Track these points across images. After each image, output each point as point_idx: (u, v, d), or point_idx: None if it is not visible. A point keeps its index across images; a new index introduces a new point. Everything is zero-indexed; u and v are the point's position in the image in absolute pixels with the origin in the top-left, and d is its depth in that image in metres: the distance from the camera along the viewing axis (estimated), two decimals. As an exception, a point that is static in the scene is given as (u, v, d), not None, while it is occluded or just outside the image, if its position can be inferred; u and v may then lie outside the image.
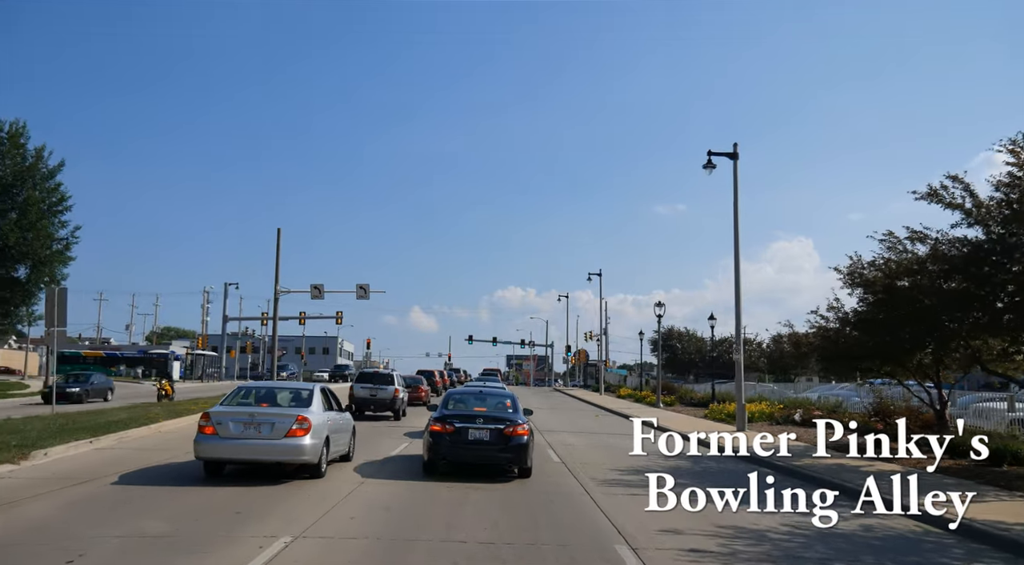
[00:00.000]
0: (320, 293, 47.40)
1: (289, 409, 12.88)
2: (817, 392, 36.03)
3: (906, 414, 18.35)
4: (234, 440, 12.15)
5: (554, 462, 16.56)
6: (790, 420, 27.41)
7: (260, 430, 12.23)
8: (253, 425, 12.25)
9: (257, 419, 12.31)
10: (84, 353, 79.21)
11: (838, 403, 27.55)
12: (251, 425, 12.24)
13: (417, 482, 13.08)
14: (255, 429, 12.23)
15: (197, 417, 23.67)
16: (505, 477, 13.70)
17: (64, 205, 42.68)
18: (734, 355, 26.82)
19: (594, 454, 18.62)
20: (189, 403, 29.68)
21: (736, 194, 27.10)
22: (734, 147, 27.34)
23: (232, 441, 12.16)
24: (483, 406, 14.55)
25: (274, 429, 12.24)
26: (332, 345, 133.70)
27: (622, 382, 75.40)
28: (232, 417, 12.37)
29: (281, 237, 42.58)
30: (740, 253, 26.77)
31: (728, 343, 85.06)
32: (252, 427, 12.23)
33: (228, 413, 12.55)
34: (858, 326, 17.39)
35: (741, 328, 26.44)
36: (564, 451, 18.60)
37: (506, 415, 13.92)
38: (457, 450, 13.32)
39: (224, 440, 12.19)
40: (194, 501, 10.76)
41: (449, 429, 13.32)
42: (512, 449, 13.30)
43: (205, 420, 12.49)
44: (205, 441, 12.30)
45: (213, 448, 12.27)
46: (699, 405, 40.78)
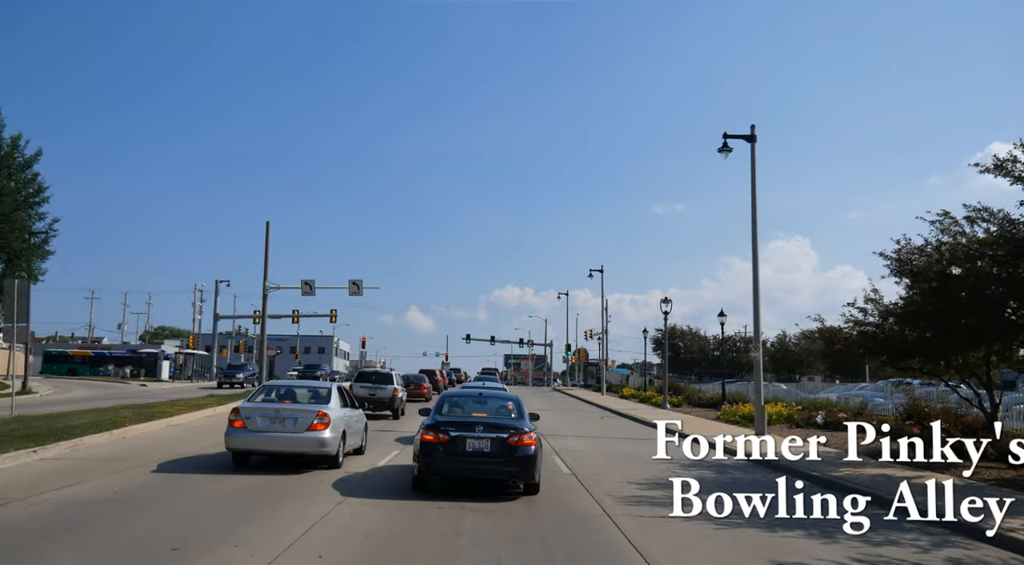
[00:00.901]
0: (311, 289, 45.34)
1: (310, 406, 14.02)
2: (835, 393, 34.11)
3: (943, 416, 16.55)
4: (261, 433, 13.48)
5: (563, 473, 14.60)
6: (811, 423, 25.48)
7: (285, 424, 13.54)
8: (278, 420, 13.57)
9: (282, 414, 13.63)
10: (72, 352, 77.32)
11: (862, 404, 25.63)
12: (277, 420, 13.57)
13: (405, 501, 11.12)
14: (280, 423, 13.55)
15: (166, 423, 22.26)
16: (508, 494, 11.78)
17: (41, 196, 40.59)
18: (752, 353, 24.86)
19: (607, 463, 16.66)
20: (166, 405, 27.69)
21: (754, 179, 25.22)
22: (751, 129, 25.44)
23: (259, 434, 13.48)
24: (483, 411, 12.66)
25: (297, 423, 13.54)
26: (328, 344, 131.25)
27: (624, 382, 73.51)
28: (259, 412, 13.64)
29: (276, 237, 40.54)
30: (758, 243, 24.93)
31: (732, 342, 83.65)
32: (277, 422, 13.56)
33: (256, 409, 13.77)
34: (904, 319, 15.43)
35: (760, 323, 24.48)
36: (573, 459, 16.65)
37: (510, 422, 11.97)
38: (452, 463, 11.39)
39: (252, 433, 13.47)
40: (126, 535, 8.70)
41: (443, 438, 11.38)
42: (517, 462, 11.35)
43: (235, 415, 13.71)
44: (235, 434, 13.55)
45: (242, 440, 13.52)
46: (708, 406, 38.83)
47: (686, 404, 41.27)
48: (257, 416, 13.58)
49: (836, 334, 17.93)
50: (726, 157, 25.42)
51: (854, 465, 16.17)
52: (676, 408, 39.02)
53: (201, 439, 18.35)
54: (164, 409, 25.09)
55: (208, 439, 18.60)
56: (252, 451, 13.80)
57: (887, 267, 15.49)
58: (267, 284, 44.37)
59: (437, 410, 12.52)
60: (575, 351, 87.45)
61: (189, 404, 28.76)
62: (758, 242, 24.85)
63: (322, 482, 12.50)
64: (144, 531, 8.75)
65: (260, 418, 13.57)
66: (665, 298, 41.14)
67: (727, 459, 17.57)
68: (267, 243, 44.32)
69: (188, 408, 26.84)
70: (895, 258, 15.37)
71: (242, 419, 13.62)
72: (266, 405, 14.05)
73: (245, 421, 13.59)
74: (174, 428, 21.12)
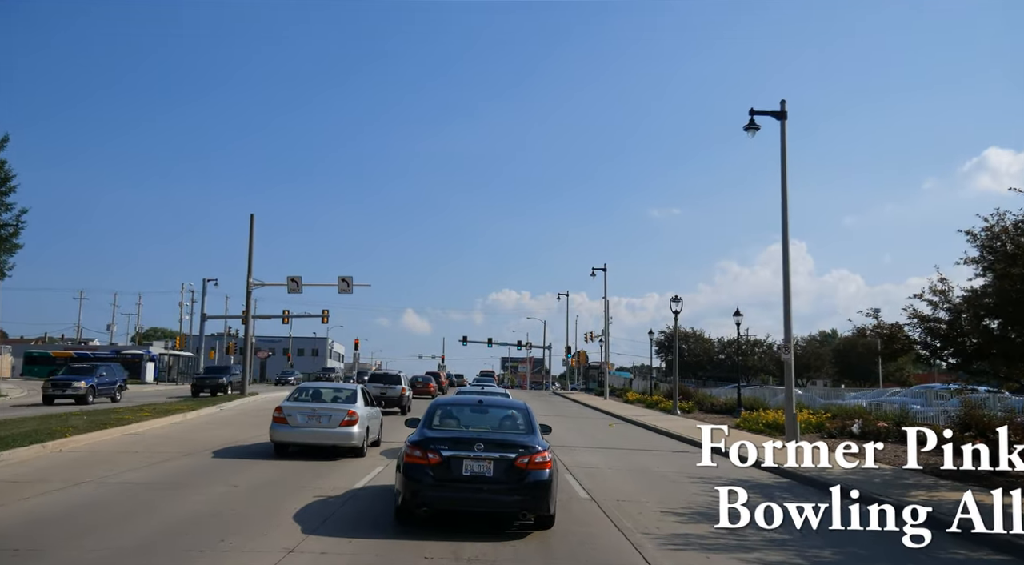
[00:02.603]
0: (298, 286, 42.66)
1: (341, 405, 15.93)
2: (864, 399, 31.46)
3: (1010, 426, 14.01)
4: (300, 428, 15.39)
5: (581, 498, 11.95)
6: (847, 432, 22.86)
7: (320, 421, 15.46)
8: (315, 417, 15.51)
9: (318, 412, 15.58)
10: (53, 354, 74.58)
11: (903, 412, 22.99)
12: (313, 417, 15.50)
13: (383, 541, 8.50)
14: (316, 420, 15.47)
15: (122, 431, 19.60)
16: (515, 530, 9.15)
17: (8, 186, 37.78)
18: (782, 354, 22.24)
19: (631, 483, 14.01)
20: (132, 410, 25.00)
21: (784, 161, 22.67)
22: (781, 105, 22.89)
23: (299, 428, 15.39)
24: (483, 423, 10.23)
25: (331, 420, 15.45)
26: (321, 346, 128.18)
27: (627, 385, 70.88)
28: (299, 411, 15.58)
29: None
30: (789, 234, 22.31)
31: (737, 345, 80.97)
32: (314, 419, 15.48)
33: (295, 407, 15.70)
34: (996, 310, 12.80)
35: (791, 322, 21.84)
36: (590, 479, 14.00)
37: (518, 437, 9.44)
38: (445, 492, 8.82)
39: (293, 428, 15.40)
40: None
41: (433, 459, 8.86)
42: (527, 490, 8.80)
43: (278, 412, 15.57)
44: (278, 428, 15.46)
45: (284, 434, 15.43)
46: (722, 412, 36.17)
47: (697, 410, 38.60)
48: (297, 414, 15.58)
49: (896, 333, 15.30)
50: (752, 136, 22.89)
51: (927, 486, 13.61)
52: (687, 414, 36.39)
53: (153, 451, 15.67)
54: (125, 416, 22.37)
55: (164, 449, 15.95)
56: (292, 443, 15.57)
57: (974, 246, 12.81)
58: (251, 281, 41.74)
59: (426, 422, 9.93)
60: (575, 353, 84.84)
61: (158, 409, 26.10)
62: (788, 232, 22.28)
63: (281, 511, 9.90)
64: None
65: (299, 415, 15.56)
66: (675, 297, 38.50)
67: (767, 476, 14.97)
68: (251, 237, 41.75)
69: (155, 414, 24.20)
70: (984, 237, 12.72)
71: (284, 416, 15.56)
72: (303, 404, 16.01)
73: (287, 418, 15.54)
74: (129, 438, 18.43)
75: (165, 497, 10.75)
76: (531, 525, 9.21)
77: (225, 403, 31.88)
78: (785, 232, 22.20)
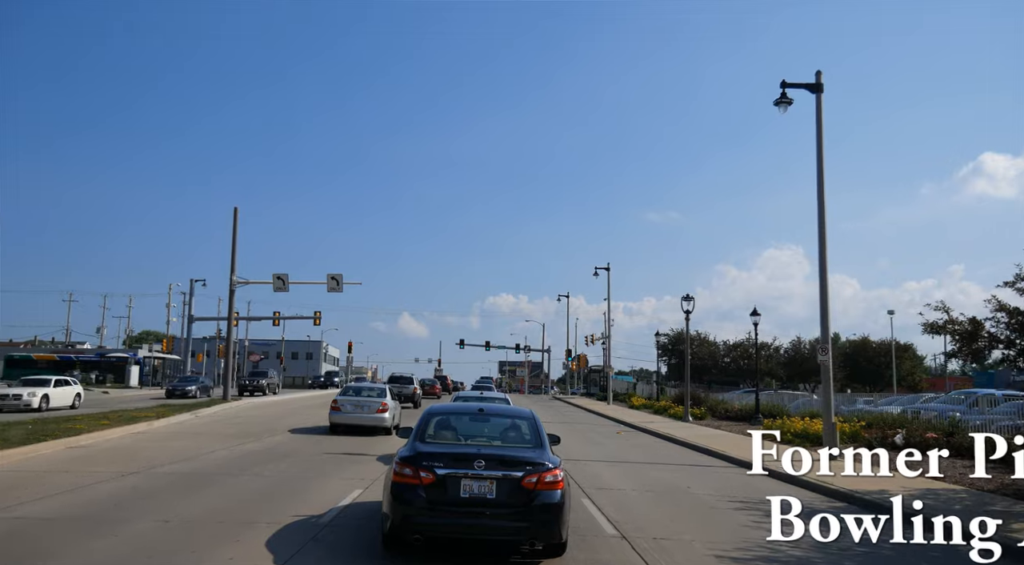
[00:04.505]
0: (284, 284, 40.07)
1: (376, 399, 22.53)
2: (896, 406, 28.94)
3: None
4: (349, 414, 22.01)
5: (608, 535, 9.41)
6: (888, 443, 20.37)
7: (362, 409, 22.08)
8: (359, 406, 22.15)
9: (361, 403, 22.26)
10: (36, 357, 71.89)
11: (954, 422, 20.50)
12: (358, 406, 22.14)
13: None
14: (360, 408, 22.10)
15: (66, 443, 17.05)
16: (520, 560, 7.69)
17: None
18: (819, 356, 19.74)
19: (662, 510, 11.50)
20: (91, 419, 22.46)
21: (820, 138, 20.23)
22: (817, 76, 20.45)
23: (348, 414, 22.00)
24: (484, 435, 8.87)
25: (370, 408, 22.07)
26: (316, 350, 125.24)
27: (631, 390, 68.25)
28: (348, 401, 22.36)
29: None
30: (826, 221, 19.80)
31: (744, 347, 78.44)
32: (358, 407, 22.11)
33: (345, 400, 22.49)
34: None
35: (828, 320, 19.35)
36: (613, 506, 11.50)
37: (524, 452, 8.12)
38: (440, 516, 7.50)
39: (344, 414, 22.07)
40: None
41: (426, 478, 7.56)
42: (536, 514, 7.51)
43: (335, 403, 22.53)
44: (334, 415, 22.15)
45: (339, 418, 22.01)
46: (738, 419, 33.67)
47: (710, 416, 36.08)
48: (346, 404, 22.20)
49: (977, 330, 12.82)
50: (784, 111, 20.47)
51: (1020, 515, 11.11)
52: (699, 421, 33.90)
53: (87, 470, 13.08)
54: (77, 425, 19.83)
55: (102, 467, 13.39)
56: (344, 424, 21.84)
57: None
58: (234, 278, 39.22)
59: (418, 434, 8.55)
60: (575, 357, 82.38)
61: (122, 417, 23.59)
62: (826, 219, 19.76)
63: (254, 538, 7.88)
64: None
65: (348, 405, 22.13)
66: (687, 296, 35.94)
67: (820, 499, 12.49)
68: (235, 232, 39.27)
69: (117, 422, 21.72)
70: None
71: (339, 406, 22.16)
72: (350, 398, 22.60)
73: (341, 407, 22.09)
74: (71, 452, 15.90)
75: (67, 540, 8.21)
76: (540, 552, 7.84)
77: (202, 409, 29.37)
78: (822, 221, 19.71)
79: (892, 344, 65.34)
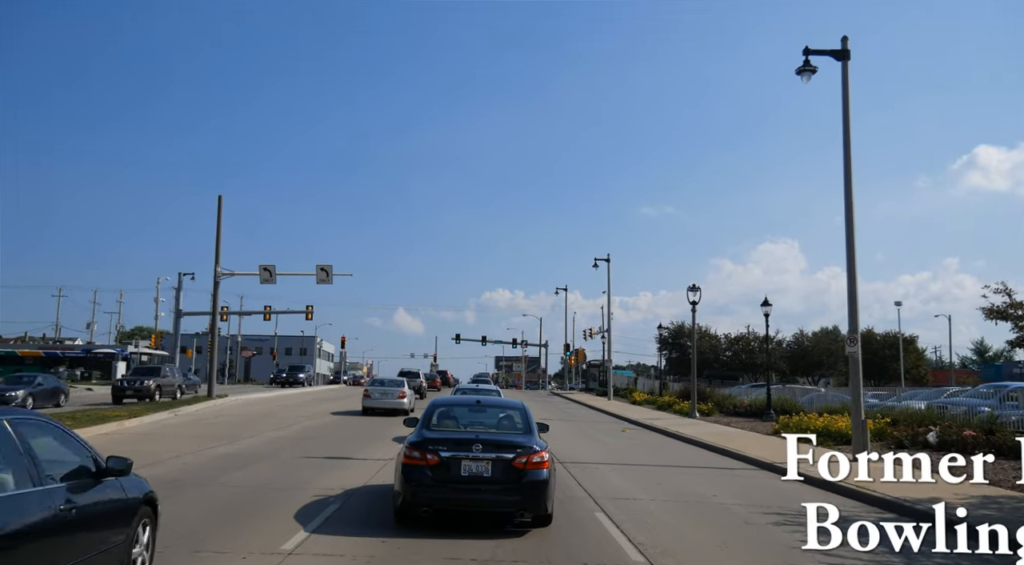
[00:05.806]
0: (271, 276, 38.35)
1: (396, 388, 29.11)
2: (919, 400, 27.36)
3: None
4: (377, 399, 28.35)
5: (634, 563, 7.77)
6: (919, 441, 18.82)
7: (387, 395, 28.51)
8: (385, 393, 28.64)
9: (386, 391, 28.84)
10: (20, 353, 70.13)
11: (992, 417, 18.93)
12: (384, 394, 28.62)
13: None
14: (385, 396, 28.50)
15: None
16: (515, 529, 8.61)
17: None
18: (847, 347, 18.16)
19: (690, 526, 9.85)
20: (60, 418, 20.72)
21: (846, 109, 18.69)
22: (843, 43, 18.89)
23: (377, 400, 28.35)
24: (481, 423, 10.29)
25: (393, 395, 28.50)
26: (310, 345, 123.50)
27: (631, 385, 66.64)
28: (377, 390, 28.95)
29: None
30: (854, 207, 18.20)
31: (745, 341, 76.99)
32: (385, 395, 28.54)
33: (374, 389, 29.05)
34: None
35: (857, 309, 17.75)
36: (632, 521, 9.85)
37: (515, 437, 9.51)
38: (444, 492, 8.88)
39: (373, 400, 28.38)
40: None
41: (432, 460, 8.94)
42: (525, 489, 8.87)
43: (366, 392, 28.96)
44: (365, 400, 28.52)
45: (369, 403, 28.28)
46: (748, 415, 32.10)
47: (718, 412, 34.51)
48: (375, 392, 28.72)
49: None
50: (807, 81, 18.88)
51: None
52: (707, 417, 32.32)
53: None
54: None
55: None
56: (374, 408, 27.94)
57: None
58: (219, 269, 37.60)
59: (424, 422, 9.99)
60: (573, 351, 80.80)
61: (92, 416, 21.99)
62: (853, 201, 18.15)
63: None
64: None
65: (376, 393, 28.66)
66: (693, 286, 34.28)
67: (866, 509, 10.89)
68: (219, 221, 37.68)
69: (85, 422, 20.13)
70: None
71: (369, 393, 28.72)
72: (377, 387, 29.25)
73: (371, 394, 28.60)
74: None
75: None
76: (529, 523, 9.09)
77: (182, 408, 27.65)
78: (849, 203, 18.11)
79: (899, 337, 63.74)
